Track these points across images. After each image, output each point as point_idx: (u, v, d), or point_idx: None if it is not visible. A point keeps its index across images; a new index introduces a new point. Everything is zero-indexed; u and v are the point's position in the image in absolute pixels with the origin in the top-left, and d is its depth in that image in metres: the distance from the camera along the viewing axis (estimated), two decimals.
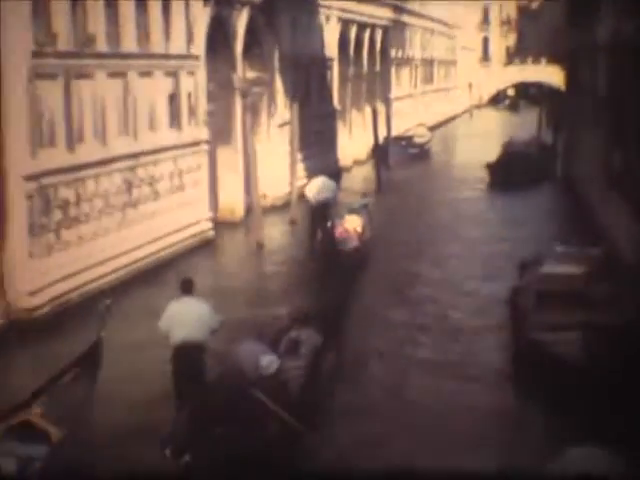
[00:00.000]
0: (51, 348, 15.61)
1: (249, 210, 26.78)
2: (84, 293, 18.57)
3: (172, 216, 23.07)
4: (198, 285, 13.24)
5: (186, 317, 12.19)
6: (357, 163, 41.71)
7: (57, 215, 18.14)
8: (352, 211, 23.73)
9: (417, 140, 47.03)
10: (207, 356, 12.23)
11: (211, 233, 25.01)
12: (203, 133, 25.20)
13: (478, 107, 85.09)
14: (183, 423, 10.82)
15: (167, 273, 20.45)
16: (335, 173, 32.94)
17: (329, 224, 22.12)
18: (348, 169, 39.77)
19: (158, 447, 10.43)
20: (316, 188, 24.43)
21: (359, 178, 38.07)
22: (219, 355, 12.30)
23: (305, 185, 25.72)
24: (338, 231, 21.82)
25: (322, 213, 23.61)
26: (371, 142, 38.70)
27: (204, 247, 23.97)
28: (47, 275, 17.61)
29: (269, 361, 11.77)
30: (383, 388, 14.27)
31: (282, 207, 29.48)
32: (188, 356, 12.08)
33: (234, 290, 19.78)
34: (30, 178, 17.20)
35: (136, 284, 19.79)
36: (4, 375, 14.50)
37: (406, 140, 46.52)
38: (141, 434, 11.98)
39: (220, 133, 27.07)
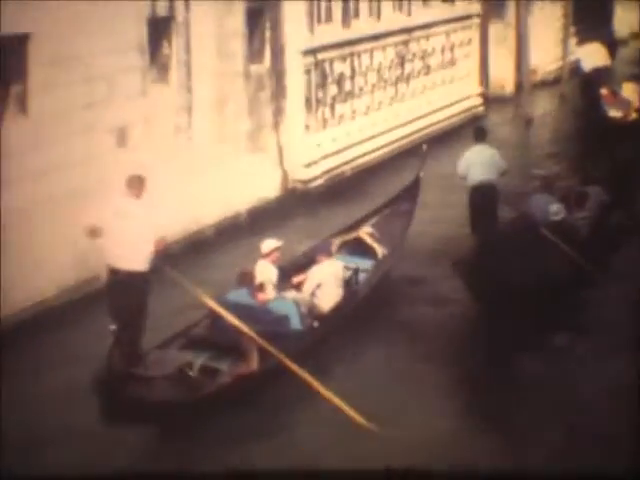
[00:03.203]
0: (325, 215, 16.28)
1: (519, 85, 26.42)
2: (355, 167, 19.09)
3: (443, 91, 23.13)
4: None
5: (480, 160, 14.02)
6: (634, 37, 39.95)
7: (332, 89, 18.60)
8: (631, 78, 23.30)
9: None
10: (497, 194, 14.07)
11: (481, 109, 24.89)
12: (475, 7, 24.88)
13: None
14: (474, 249, 12.78)
15: (438, 147, 20.58)
16: (610, 46, 31.79)
17: (601, 91, 21.93)
18: (624, 42, 38.22)
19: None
20: (590, 54, 24.02)
21: (635, 51, 36.53)
22: (510, 200, 14.12)
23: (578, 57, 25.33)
24: (612, 99, 21.53)
25: (594, 81, 23.32)
26: None
27: (474, 123, 23.89)
28: (321, 148, 18.18)
29: (557, 209, 13.23)
30: None
31: (552, 83, 28.85)
32: (483, 193, 13.95)
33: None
34: (308, 53, 17.67)
35: (408, 157, 20.07)
36: (287, 235, 15.14)
37: None
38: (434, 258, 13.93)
39: (492, 7, 26.61)
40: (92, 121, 12.77)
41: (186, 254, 13.82)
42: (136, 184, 10.03)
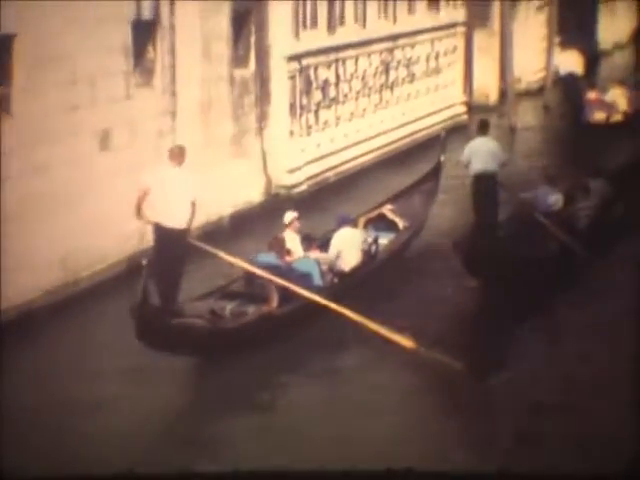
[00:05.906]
0: (308, 221, 16.16)
1: (503, 94, 26.53)
2: (340, 173, 19.14)
3: (427, 99, 23.25)
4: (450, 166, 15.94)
5: (483, 151, 14.80)
6: (618, 47, 40.22)
7: (317, 95, 18.65)
8: (620, 83, 24.57)
9: None
10: (498, 185, 14.87)
11: (464, 117, 24.99)
12: (460, 15, 25.01)
13: None
14: (473, 230, 14.04)
15: (421, 154, 20.65)
16: (594, 58, 32.13)
17: (589, 95, 23.41)
18: (608, 53, 38.47)
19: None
20: (566, 59, 25.08)
21: (619, 62, 36.80)
22: (510, 190, 15.02)
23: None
24: (597, 102, 23.17)
25: (573, 85, 25.00)
26: (635, 25, 37.30)
27: (457, 131, 23.95)
28: (305, 154, 18.22)
29: (556, 199, 14.33)
30: None
31: (537, 92, 29.03)
32: (484, 182, 14.74)
33: None
34: (292, 58, 17.70)
35: (390, 164, 20.13)
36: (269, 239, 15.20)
37: None
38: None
39: (477, 15, 26.72)
40: (76, 123, 12.77)
41: None
42: (177, 154, 11.48)
